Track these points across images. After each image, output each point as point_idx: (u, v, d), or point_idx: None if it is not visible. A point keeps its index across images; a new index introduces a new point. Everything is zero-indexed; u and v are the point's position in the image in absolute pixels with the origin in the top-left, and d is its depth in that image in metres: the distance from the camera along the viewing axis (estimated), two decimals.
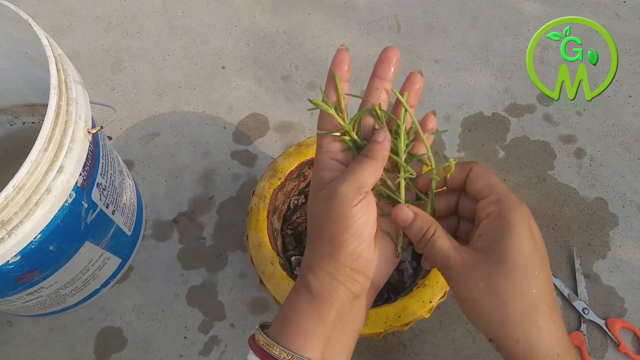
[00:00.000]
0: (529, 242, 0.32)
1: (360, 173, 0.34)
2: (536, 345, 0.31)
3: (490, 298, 0.31)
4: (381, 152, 0.35)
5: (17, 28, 0.52)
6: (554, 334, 0.31)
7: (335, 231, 0.34)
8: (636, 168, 0.78)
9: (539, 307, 0.31)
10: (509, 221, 0.32)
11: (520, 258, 0.31)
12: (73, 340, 0.66)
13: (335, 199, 0.33)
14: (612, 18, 0.93)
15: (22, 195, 0.41)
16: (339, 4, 0.95)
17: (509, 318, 0.31)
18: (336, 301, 0.34)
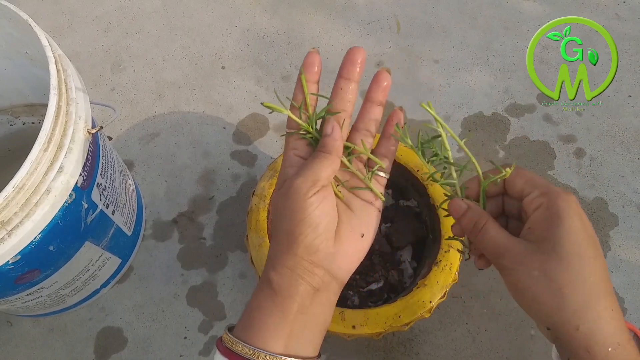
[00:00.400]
0: (581, 229, 0.32)
1: (314, 166, 0.35)
2: (596, 333, 0.31)
3: (545, 286, 0.31)
4: (332, 144, 0.36)
5: (17, 28, 0.52)
6: (613, 322, 0.31)
7: (292, 224, 0.34)
8: (636, 168, 0.78)
9: (598, 294, 0.31)
10: (558, 211, 0.32)
11: (573, 246, 0.31)
12: (73, 340, 0.66)
13: (290, 193, 0.34)
14: (612, 18, 0.93)
15: (22, 196, 0.41)
16: (339, 4, 0.95)
17: (568, 305, 0.31)
18: (296, 295, 0.34)
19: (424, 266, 0.60)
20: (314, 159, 0.35)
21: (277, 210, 0.36)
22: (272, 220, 0.38)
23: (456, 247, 0.57)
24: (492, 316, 0.67)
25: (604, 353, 0.31)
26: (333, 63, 0.88)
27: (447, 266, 0.56)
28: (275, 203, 0.36)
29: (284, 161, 0.38)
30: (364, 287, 0.62)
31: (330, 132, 0.36)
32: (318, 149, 0.36)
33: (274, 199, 0.37)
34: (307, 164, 0.35)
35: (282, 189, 0.36)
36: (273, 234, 0.37)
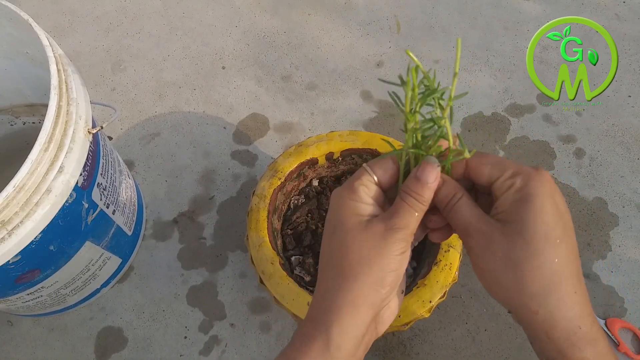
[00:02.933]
0: (551, 210, 0.30)
1: (407, 215, 0.33)
2: (556, 318, 0.30)
3: (507, 268, 0.30)
4: (429, 196, 0.33)
5: (18, 28, 0.52)
6: (575, 306, 0.30)
7: (372, 270, 0.32)
8: (636, 168, 0.78)
9: (561, 278, 0.30)
10: (529, 191, 0.30)
11: (540, 227, 0.30)
12: (73, 340, 0.66)
13: (386, 237, 0.32)
14: (612, 18, 0.93)
15: (23, 195, 0.41)
16: (339, 4, 0.95)
17: (527, 289, 0.30)
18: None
19: (424, 266, 0.60)
20: (407, 207, 0.32)
21: (347, 246, 0.32)
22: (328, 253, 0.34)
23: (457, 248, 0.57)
24: (492, 316, 0.67)
25: (564, 337, 0.30)
26: (333, 63, 0.88)
27: (446, 266, 0.56)
28: (354, 240, 0.32)
29: (360, 178, 0.34)
30: None
31: (431, 181, 0.32)
32: (409, 194, 0.33)
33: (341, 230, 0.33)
34: (404, 214, 0.32)
35: (367, 230, 0.32)
36: (332, 269, 0.33)
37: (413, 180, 0.32)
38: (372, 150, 0.64)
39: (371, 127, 0.82)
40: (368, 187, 0.33)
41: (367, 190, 0.33)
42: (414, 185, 0.32)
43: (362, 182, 0.33)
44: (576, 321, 0.30)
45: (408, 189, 0.33)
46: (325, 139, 0.65)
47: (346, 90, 0.85)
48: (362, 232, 0.32)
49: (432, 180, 0.32)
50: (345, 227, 0.32)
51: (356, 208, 0.33)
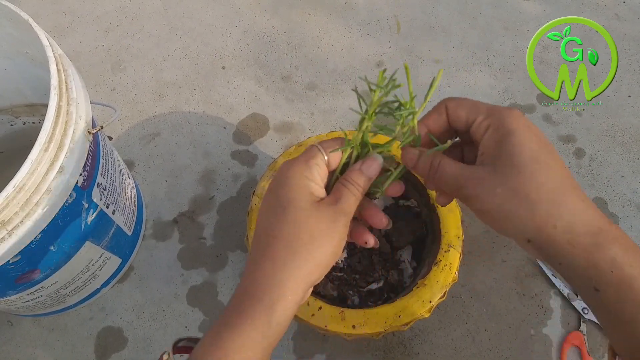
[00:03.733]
0: (532, 138, 0.31)
1: (350, 199, 0.35)
2: (575, 224, 0.30)
3: (513, 198, 0.31)
4: (367, 184, 0.35)
5: (18, 28, 0.52)
6: (588, 210, 0.30)
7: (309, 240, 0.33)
8: (636, 168, 0.78)
9: (565, 190, 0.31)
10: (506, 127, 0.32)
11: (528, 153, 0.31)
12: (73, 340, 0.66)
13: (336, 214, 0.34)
14: (612, 18, 0.93)
15: (23, 195, 0.41)
16: (339, 4, 0.95)
17: (539, 208, 0.30)
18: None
19: (424, 266, 0.60)
20: (349, 193, 0.34)
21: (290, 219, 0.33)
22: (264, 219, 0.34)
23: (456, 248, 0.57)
24: (492, 316, 0.67)
25: (589, 241, 0.30)
26: (333, 63, 0.88)
27: (446, 266, 0.56)
28: (308, 219, 0.33)
29: (314, 156, 0.35)
30: (364, 286, 0.62)
31: (373, 175, 0.35)
32: (352, 183, 0.35)
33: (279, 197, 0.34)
34: (347, 200, 0.34)
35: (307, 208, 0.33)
36: (266, 239, 0.33)
37: (357, 173, 0.35)
38: None
39: None
40: (321, 167, 0.34)
41: (319, 171, 0.34)
42: (357, 176, 0.34)
43: (317, 161, 0.34)
44: (595, 222, 0.30)
45: (351, 179, 0.34)
46: (325, 139, 0.65)
47: (346, 90, 0.85)
48: (314, 212, 0.33)
49: (374, 175, 0.35)
50: (299, 205, 0.33)
51: (310, 187, 0.33)
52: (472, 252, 0.71)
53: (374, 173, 0.35)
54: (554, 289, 0.69)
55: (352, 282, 0.62)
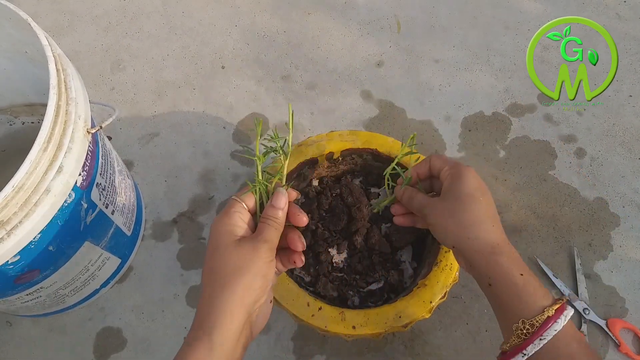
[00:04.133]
0: (474, 181, 0.47)
1: (272, 234, 0.43)
2: (482, 238, 0.45)
3: (451, 219, 0.46)
4: (283, 217, 0.44)
5: (17, 28, 0.52)
6: (493, 233, 0.45)
7: (245, 276, 0.40)
8: (637, 168, 0.78)
9: (484, 218, 0.45)
10: (460, 174, 0.47)
11: (468, 190, 0.46)
12: (73, 340, 0.66)
13: (257, 251, 0.41)
14: (612, 18, 0.93)
15: (22, 195, 0.41)
16: (339, 3, 0.95)
17: (464, 227, 0.45)
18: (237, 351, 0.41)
19: (424, 266, 0.59)
20: (269, 226, 0.42)
21: (226, 259, 0.40)
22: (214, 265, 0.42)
23: None
24: (493, 316, 0.66)
25: (487, 251, 0.44)
26: (333, 63, 0.88)
27: (447, 266, 0.56)
28: (230, 253, 0.41)
29: (233, 207, 0.43)
30: (364, 287, 0.62)
31: (282, 206, 0.43)
32: (268, 218, 0.43)
33: (221, 249, 0.41)
34: (266, 231, 0.42)
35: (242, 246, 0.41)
36: (216, 278, 0.40)
37: (269, 207, 0.43)
38: (372, 150, 0.64)
39: (371, 126, 0.82)
40: (242, 213, 0.43)
41: (241, 216, 0.43)
42: (271, 210, 0.43)
43: (236, 209, 0.43)
44: (494, 240, 0.45)
45: (266, 214, 0.43)
46: (325, 138, 0.65)
47: (346, 90, 0.85)
48: (236, 248, 0.41)
49: (283, 205, 0.43)
50: (223, 245, 0.41)
51: (232, 231, 0.42)
52: None
53: (282, 203, 0.43)
54: (554, 290, 0.69)
55: (353, 282, 0.62)
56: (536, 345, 0.41)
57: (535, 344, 0.41)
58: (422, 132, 0.81)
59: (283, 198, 0.43)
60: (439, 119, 0.82)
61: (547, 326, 0.40)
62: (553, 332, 0.40)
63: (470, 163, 0.78)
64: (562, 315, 0.41)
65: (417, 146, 0.79)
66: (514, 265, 0.44)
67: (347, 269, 0.63)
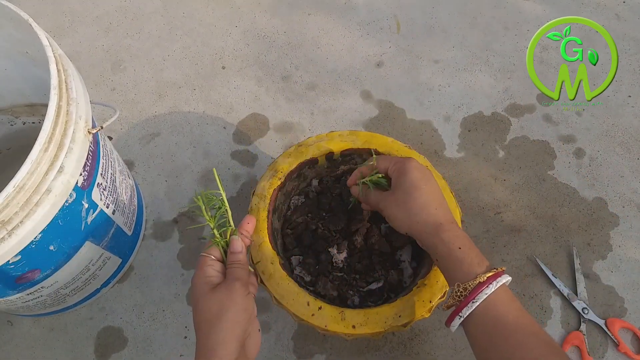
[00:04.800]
0: (416, 172, 0.53)
1: (241, 275, 0.51)
2: (428, 221, 0.51)
3: (401, 209, 0.53)
4: (243, 259, 0.52)
5: (18, 28, 0.52)
6: (438, 214, 0.51)
7: (238, 316, 0.47)
8: (636, 168, 0.78)
9: (427, 203, 0.52)
10: (404, 168, 0.53)
11: (411, 181, 0.52)
12: (73, 340, 0.66)
13: (233, 291, 0.48)
14: (612, 18, 0.93)
15: (23, 195, 0.41)
16: (339, 4, 0.95)
17: (413, 213, 0.52)
18: None
19: (424, 266, 0.60)
20: (235, 268, 0.50)
21: (217, 306, 0.47)
22: (205, 317, 0.47)
23: None
24: None
25: (432, 230, 0.50)
26: (333, 63, 0.88)
27: None
28: (211, 298, 0.47)
29: (204, 262, 0.50)
30: (364, 286, 0.62)
31: (240, 249, 0.51)
32: (233, 262, 0.51)
33: (209, 299, 0.47)
34: (234, 273, 0.49)
35: (220, 291, 0.47)
36: (209, 328, 0.46)
37: (230, 255, 0.51)
38: (372, 150, 0.64)
39: (371, 127, 0.82)
40: (212, 265, 0.50)
41: (213, 267, 0.50)
42: (231, 256, 0.51)
43: (207, 263, 0.50)
44: (438, 221, 0.51)
45: (230, 260, 0.51)
46: (325, 138, 0.65)
47: (346, 90, 0.85)
48: (214, 293, 0.47)
49: (240, 249, 0.51)
50: (202, 295, 0.47)
51: (207, 282, 0.48)
52: None
53: (239, 248, 0.51)
54: (554, 289, 0.69)
55: (352, 282, 0.62)
56: (469, 307, 0.46)
57: (468, 306, 0.46)
58: (422, 132, 0.81)
59: (238, 243, 0.51)
60: (438, 119, 0.82)
61: (479, 290, 0.45)
62: (484, 296, 0.45)
63: (469, 163, 0.78)
64: (494, 282, 0.46)
65: (417, 146, 0.79)
66: (455, 240, 0.49)
67: (347, 268, 0.63)
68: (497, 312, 0.45)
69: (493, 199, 0.76)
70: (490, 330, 0.46)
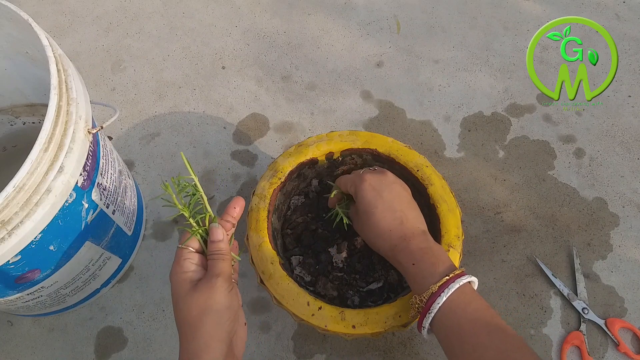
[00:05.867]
0: (366, 196, 0.54)
1: (224, 268, 0.46)
2: (392, 237, 0.52)
3: (364, 232, 0.55)
4: (225, 248, 0.47)
5: (18, 28, 0.52)
6: (392, 237, 0.52)
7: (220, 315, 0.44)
8: (636, 168, 0.78)
9: (381, 229, 0.53)
10: (355, 193, 0.55)
11: (363, 207, 0.54)
12: (73, 339, 0.66)
13: (215, 289, 0.44)
14: (612, 18, 0.93)
15: (23, 195, 0.41)
16: (339, 4, 0.95)
17: (371, 237, 0.54)
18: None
19: None
20: (216, 260, 0.46)
21: (199, 305, 0.43)
22: (187, 313, 0.44)
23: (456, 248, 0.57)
24: None
25: (390, 254, 0.53)
26: (333, 63, 0.89)
27: None
28: (191, 299, 0.44)
29: (182, 255, 0.46)
30: (363, 286, 0.62)
31: (221, 238, 0.47)
32: (213, 253, 0.46)
33: (189, 296, 0.44)
34: (215, 266, 0.45)
35: (202, 290, 0.44)
36: (192, 326, 0.43)
37: (210, 244, 0.46)
38: (372, 150, 0.64)
39: (371, 127, 0.82)
40: (191, 258, 0.46)
41: (192, 261, 0.46)
42: (212, 245, 0.46)
43: (185, 256, 0.46)
44: (392, 243, 0.52)
45: (210, 250, 0.46)
46: (325, 139, 0.65)
47: (346, 90, 0.85)
48: (193, 292, 0.44)
49: (221, 237, 0.46)
50: (182, 295, 0.44)
51: (186, 278, 0.45)
52: (472, 252, 0.71)
53: (220, 236, 0.46)
54: (554, 289, 0.69)
55: (352, 282, 0.62)
56: (427, 318, 0.47)
57: (426, 317, 0.47)
58: (422, 133, 0.81)
59: (218, 231, 0.47)
60: (438, 119, 0.82)
61: (432, 300, 0.47)
62: (437, 306, 0.46)
63: (469, 163, 0.79)
64: (445, 289, 0.46)
65: (417, 146, 0.79)
66: (409, 258, 0.50)
67: (347, 268, 0.63)
68: (455, 317, 0.46)
69: (493, 199, 0.76)
70: (450, 335, 0.46)
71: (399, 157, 0.63)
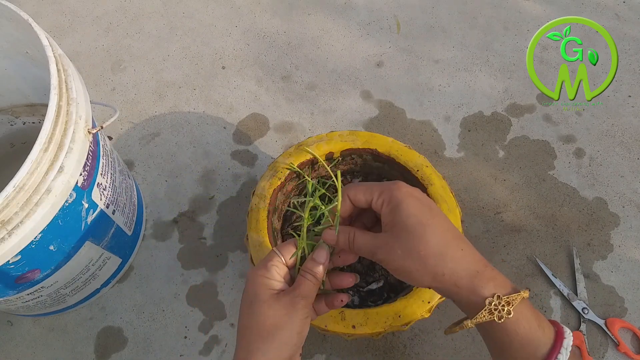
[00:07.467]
0: (414, 204, 0.39)
1: (309, 288, 0.42)
2: (458, 271, 0.38)
3: (408, 257, 0.38)
4: (321, 272, 0.42)
5: (18, 28, 0.52)
6: (467, 258, 0.39)
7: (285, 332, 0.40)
8: (636, 168, 0.78)
9: (446, 243, 0.38)
10: (393, 200, 0.40)
11: (411, 218, 0.38)
12: (73, 339, 0.66)
13: (294, 306, 0.40)
14: (612, 18, 0.93)
15: (23, 195, 0.41)
16: (339, 4, 0.95)
17: (429, 263, 0.38)
18: None
19: None
20: (307, 281, 0.41)
21: (268, 314, 0.40)
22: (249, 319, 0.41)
23: None
24: None
25: (469, 282, 0.38)
26: (333, 63, 0.88)
27: None
28: (269, 308, 0.40)
29: (271, 260, 0.42)
30: (364, 286, 0.62)
31: (323, 261, 0.42)
32: (308, 272, 0.42)
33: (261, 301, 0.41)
34: (305, 286, 0.41)
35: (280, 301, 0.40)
36: (251, 333, 0.40)
37: (310, 261, 0.42)
38: (372, 150, 0.64)
39: (371, 127, 0.82)
40: (278, 266, 0.42)
41: (278, 269, 0.42)
42: (311, 264, 0.42)
43: (274, 262, 0.42)
44: (473, 267, 0.38)
45: (307, 267, 0.42)
46: (325, 139, 0.65)
47: (346, 90, 0.85)
48: (274, 302, 0.40)
49: (324, 260, 0.42)
50: (261, 299, 0.40)
51: (269, 284, 0.41)
52: None
53: (323, 259, 0.42)
54: (554, 289, 0.69)
55: None
56: None
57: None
58: (422, 133, 0.81)
59: (324, 253, 0.42)
60: (438, 119, 0.82)
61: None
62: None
63: (469, 163, 0.78)
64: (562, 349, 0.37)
65: (417, 146, 0.79)
66: (505, 291, 0.38)
67: (347, 268, 0.63)
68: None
69: (493, 199, 0.76)
70: None
71: (399, 157, 0.63)
